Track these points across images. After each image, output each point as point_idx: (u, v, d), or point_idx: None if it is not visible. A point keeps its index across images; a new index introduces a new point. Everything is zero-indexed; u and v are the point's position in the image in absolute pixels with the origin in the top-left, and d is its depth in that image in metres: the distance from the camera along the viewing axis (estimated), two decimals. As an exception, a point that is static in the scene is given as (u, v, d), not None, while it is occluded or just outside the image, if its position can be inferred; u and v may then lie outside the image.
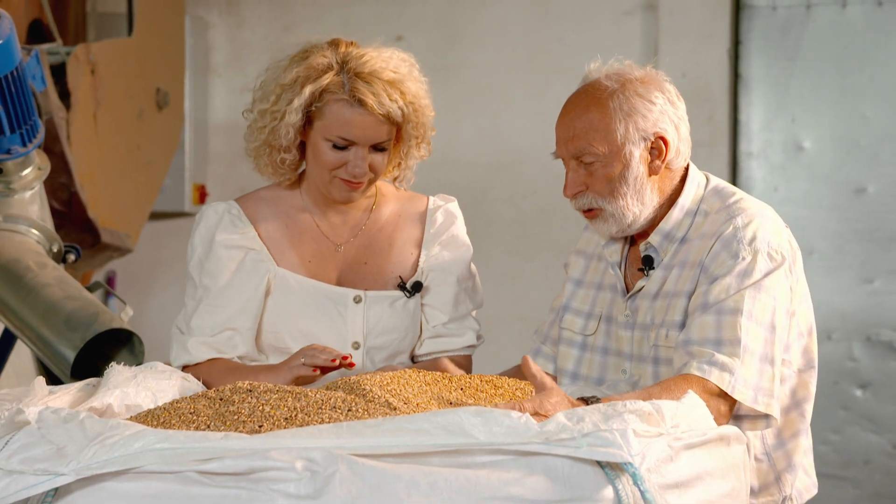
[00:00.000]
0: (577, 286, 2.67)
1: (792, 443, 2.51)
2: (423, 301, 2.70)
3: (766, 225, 2.42)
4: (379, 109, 2.53)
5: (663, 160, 2.47)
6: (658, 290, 2.48)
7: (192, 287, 2.67)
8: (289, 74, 2.57)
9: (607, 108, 2.44)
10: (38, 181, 3.09)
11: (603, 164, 2.46)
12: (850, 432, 5.06)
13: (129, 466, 1.81)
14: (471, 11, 5.43)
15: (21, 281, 2.91)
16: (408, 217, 2.74)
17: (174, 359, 2.65)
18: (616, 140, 2.44)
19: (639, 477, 1.86)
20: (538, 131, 5.30)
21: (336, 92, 2.54)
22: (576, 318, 2.64)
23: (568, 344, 2.64)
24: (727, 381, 2.28)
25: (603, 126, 2.44)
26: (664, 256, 2.50)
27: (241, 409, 2.03)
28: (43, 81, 3.53)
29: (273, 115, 2.59)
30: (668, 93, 2.49)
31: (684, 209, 2.51)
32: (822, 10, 5.09)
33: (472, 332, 2.73)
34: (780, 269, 2.39)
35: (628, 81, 2.47)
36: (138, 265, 5.54)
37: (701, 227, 2.48)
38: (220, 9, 5.61)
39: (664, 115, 2.46)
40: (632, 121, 2.44)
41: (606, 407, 1.94)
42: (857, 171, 5.07)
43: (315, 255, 2.68)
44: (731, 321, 2.33)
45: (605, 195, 2.47)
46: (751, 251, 2.38)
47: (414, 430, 1.84)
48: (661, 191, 2.50)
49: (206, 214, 2.70)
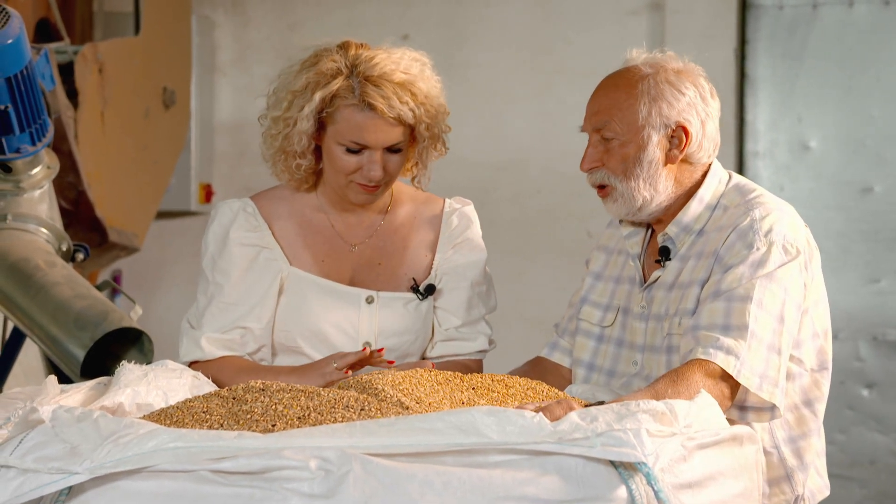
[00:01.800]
0: (597, 279, 2.68)
1: (803, 441, 2.51)
2: (436, 304, 2.70)
3: (783, 219, 2.43)
4: (389, 113, 2.52)
5: (682, 150, 2.49)
6: (674, 280, 2.49)
7: (205, 283, 2.67)
8: (299, 80, 2.56)
9: (635, 89, 2.47)
10: (47, 180, 3.10)
11: (620, 143, 2.48)
12: (857, 432, 5.06)
13: (143, 465, 1.81)
14: (475, 11, 5.42)
15: (30, 280, 2.91)
16: (423, 219, 2.74)
17: (184, 353, 2.64)
18: (636, 121, 2.47)
19: (652, 477, 1.86)
20: (542, 131, 5.30)
21: (346, 97, 2.53)
22: (594, 310, 2.65)
23: (585, 335, 2.65)
24: (733, 364, 2.28)
25: (627, 105, 2.47)
26: (681, 248, 2.51)
27: (254, 409, 2.03)
28: (52, 80, 3.53)
29: (286, 121, 2.58)
30: (701, 88, 2.51)
31: (703, 202, 2.52)
32: (829, 9, 5.09)
33: (484, 336, 2.73)
34: (794, 263, 2.39)
35: (663, 69, 2.50)
36: (144, 264, 5.54)
37: (719, 221, 2.49)
38: (226, 8, 5.61)
39: (692, 108, 2.48)
40: (656, 106, 2.46)
41: (619, 407, 1.95)
42: (863, 171, 5.07)
43: (329, 254, 2.68)
44: (740, 307, 2.33)
45: (618, 174, 2.49)
46: (766, 242, 2.39)
47: (427, 430, 1.84)
48: (678, 181, 2.52)
49: (220, 211, 2.69)
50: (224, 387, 2.46)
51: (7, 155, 2.95)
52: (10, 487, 1.83)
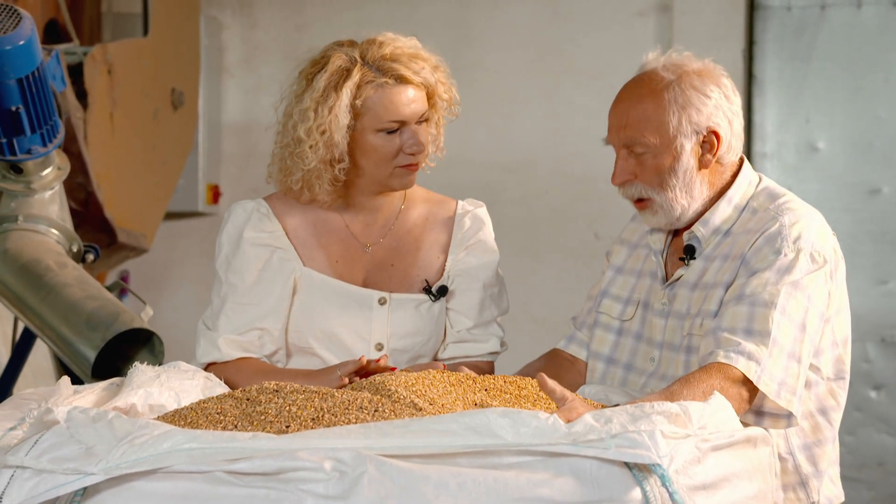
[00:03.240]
0: (618, 273, 2.67)
1: (818, 449, 2.50)
2: (448, 306, 2.70)
3: (812, 227, 2.42)
4: (416, 78, 2.58)
5: (714, 154, 2.47)
6: (697, 280, 2.48)
7: (219, 284, 2.67)
8: (318, 87, 2.56)
9: (662, 99, 2.44)
10: (57, 181, 3.10)
11: (654, 155, 2.46)
12: (865, 434, 5.05)
13: (158, 466, 1.81)
14: (483, 12, 5.43)
15: (41, 280, 2.91)
16: (436, 220, 2.75)
17: (201, 354, 2.63)
18: (668, 132, 2.44)
19: (667, 478, 1.86)
20: (550, 132, 5.30)
21: (372, 80, 2.57)
22: (614, 304, 2.64)
23: (605, 328, 2.64)
24: (754, 370, 2.28)
25: (657, 117, 2.44)
26: (706, 247, 2.50)
27: (268, 410, 2.03)
28: (63, 81, 3.53)
29: (319, 128, 2.57)
30: (724, 87, 2.49)
31: (732, 203, 2.51)
32: (837, 10, 5.08)
33: (496, 338, 2.73)
34: (821, 272, 2.38)
35: (685, 74, 2.47)
36: (151, 265, 5.55)
37: (747, 223, 2.47)
38: (234, 9, 5.62)
39: (718, 110, 2.46)
40: (685, 114, 2.44)
41: (634, 408, 1.94)
42: (870, 172, 5.07)
43: (343, 255, 2.69)
44: (763, 313, 2.32)
45: (654, 186, 2.48)
46: (794, 249, 2.38)
47: (441, 431, 1.85)
48: (710, 184, 2.51)
49: (234, 212, 2.69)
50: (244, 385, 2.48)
51: (18, 156, 2.96)
52: (26, 488, 1.83)
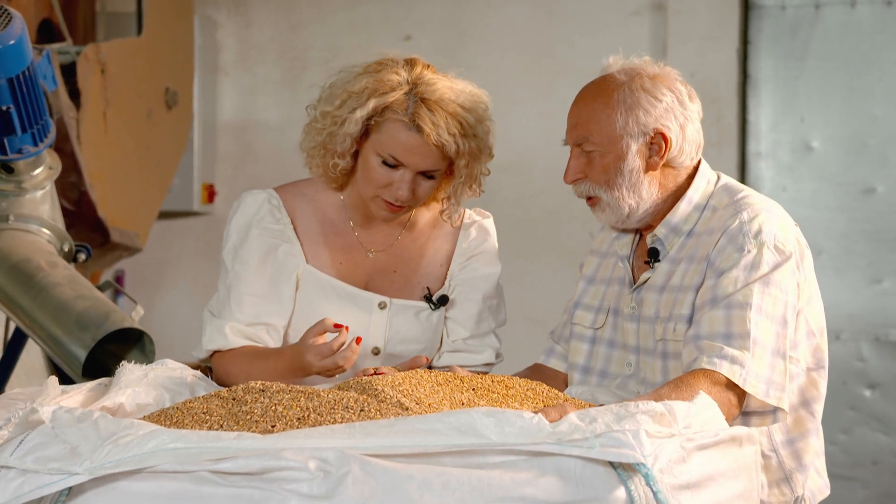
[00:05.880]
0: (589, 283, 2.70)
1: (802, 442, 2.51)
2: (447, 315, 2.71)
3: (771, 219, 2.44)
4: (434, 139, 2.52)
5: (662, 157, 2.49)
6: (664, 283, 2.50)
7: (225, 273, 2.67)
8: (359, 83, 2.56)
9: (611, 99, 2.48)
10: (49, 181, 3.10)
11: (600, 154, 2.49)
12: (859, 433, 5.06)
13: (143, 466, 1.81)
14: (477, 13, 5.43)
15: (32, 280, 2.91)
16: (441, 229, 2.74)
17: (207, 341, 2.63)
18: (614, 131, 2.47)
19: (651, 478, 1.86)
20: (545, 133, 5.30)
21: (398, 112, 2.53)
22: (586, 314, 2.66)
23: (579, 339, 2.66)
24: (738, 373, 2.29)
25: (604, 116, 2.48)
26: (670, 249, 2.52)
27: (254, 409, 2.03)
28: (54, 81, 3.53)
29: (334, 119, 2.58)
30: (678, 92, 2.50)
31: (692, 203, 2.52)
32: (831, 9, 5.08)
33: (491, 349, 2.74)
34: (788, 264, 2.40)
35: (638, 76, 2.49)
36: (146, 264, 5.55)
37: (709, 222, 2.49)
38: (229, 9, 5.62)
39: (669, 113, 2.48)
40: (633, 114, 2.47)
41: (619, 408, 1.95)
42: (865, 172, 5.07)
43: (346, 257, 2.68)
44: (740, 315, 2.34)
45: (601, 184, 2.51)
46: (756, 244, 2.39)
47: (426, 431, 1.85)
48: (662, 186, 2.52)
49: (245, 201, 2.69)
50: (238, 376, 2.50)
51: (9, 155, 2.96)
52: (11, 488, 1.83)
